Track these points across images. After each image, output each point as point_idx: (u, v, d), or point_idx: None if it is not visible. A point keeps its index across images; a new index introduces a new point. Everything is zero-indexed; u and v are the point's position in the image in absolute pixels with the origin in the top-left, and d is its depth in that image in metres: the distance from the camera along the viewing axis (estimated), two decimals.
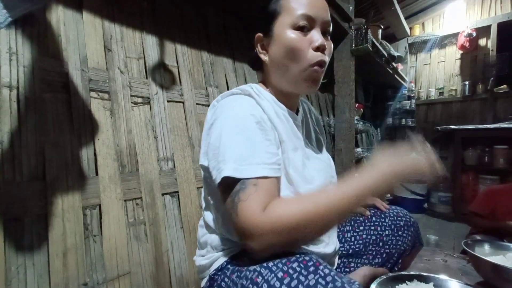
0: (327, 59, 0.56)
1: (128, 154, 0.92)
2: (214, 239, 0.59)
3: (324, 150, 0.73)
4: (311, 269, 0.40)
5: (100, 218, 0.82)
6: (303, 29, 0.54)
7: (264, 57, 0.60)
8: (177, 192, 1.05)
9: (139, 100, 1.00)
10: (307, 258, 0.42)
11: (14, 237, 0.66)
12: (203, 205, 0.64)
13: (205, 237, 0.62)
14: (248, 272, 0.44)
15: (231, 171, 0.45)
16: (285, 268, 0.41)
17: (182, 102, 1.14)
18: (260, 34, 0.60)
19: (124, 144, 0.92)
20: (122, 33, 0.99)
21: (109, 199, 0.84)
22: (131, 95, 0.97)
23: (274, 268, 0.42)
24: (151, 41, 1.08)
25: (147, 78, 1.04)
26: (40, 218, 0.70)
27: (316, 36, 0.54)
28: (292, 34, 0.54)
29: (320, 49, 0.54)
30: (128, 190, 0.90)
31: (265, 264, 0.43)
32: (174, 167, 1.06)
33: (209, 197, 0.61)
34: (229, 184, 0.46)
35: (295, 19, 0.54)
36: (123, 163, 0.91)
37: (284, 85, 0.60)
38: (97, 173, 0.83)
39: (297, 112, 0.66)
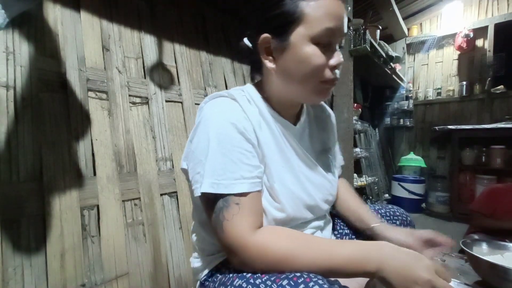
0: (339, 75, 0.53)
1: (126, 154, 0.92)
2: (205, 240, 0.59)
3: (330, 164, 0.66)
4: (301, 286, 0.39)
5: (98, 218, 0.81)
6: (323, 45, 0.49)
7: (270, 64, 0.52)
8: (176, 192, 1.04)
9: (137, 100, 0.99)
10: (297, 274, 0.41)
11: (11, 238, 0.65)
12: (194, 204, 0.63)
13: (198, 236, 0.62)
14: None
15: (209, 187, 0.45)
16: (274, 286, 0.40)
17: (181, 102, 1.14)
18: (268, 36, 0.51)
19: (122, 144, 0.91)
20: (120, 32, 0.98)
21: (107, 200, 0.84)
22: (129, 95, 0.97)
23: (262, 286, 0.41)
24: (149, 41, 1.07)
25: (145, 78, 1.04)
26: (37, 218, 0.70)
27: (335, 55, 0.51)
28: (312, 49, 0.49)
29: (336, 67, 0.51)
30: (127, 190, 0.89)
31: (251, 281, 0.43)
32: (173, 167, 1.05)
33: (194, 200, 0.61)
34: (210, 199, 0.47)
35: (318, 33, 0.48)
36: (121, 163, 0.90)
37: (290, 95, 0.55)
38: (95, 173, 0.83)
39: (296, 121, 0.61)
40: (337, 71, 0.52)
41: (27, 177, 0.70)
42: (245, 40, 0.59)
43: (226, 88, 1.37)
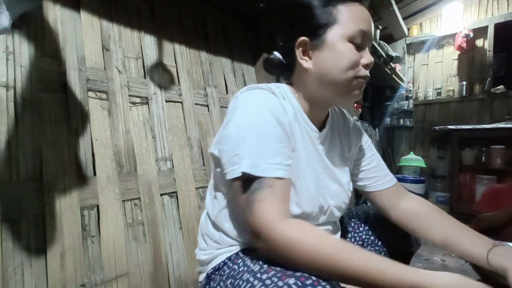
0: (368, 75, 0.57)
1: (126, 154, 0.92)
2: (215, 233, 0.59)
3: (347, 172, 0.67)
4: None
5: (98, 218, 0.81)
6: (357, 45, 0.54)
7: (306, 64, 0.56)
8: (176, 192, 1.04)
9: (137, 100, 0.99)
10: (306, 274, 0.41)
11: (11, 238, 0.65)
12: (210, 195, 0.63)
13: (207, 229, 0.62)
14: (241, 282, 0.44)
15: (248, 167, 0.45)
16: (280, 284, 0.40)
17: (181, 102, 1.14)
18: (305, 38, 0.56)
19: (122, 144, 0.91)
20: (120, 32, 0.98)
21: (107, 200, 0.84)
22: (129, 95, 0.97)
23: (268, 282, 0.41)
24: (149, 41, 1.07)
25: (145, 78, 1.04)
26: (37, 218, 0.70)
27: (367, 54, 0.55)
28: (348, 46, 0.53)
29: (368, 66, 0.55)
30: (126, 190, 0.89)
31: (258, 275, 0.43)
32: (173, 167, 1.05)
33: (216, 188, 0.61)
34: (244, 181, 0.46)
35: (352, 33, 0.53)
36: (121, 163, 0.90)
37: (323, 95, 0.57)
38: (95, 173, 0.83)
39: (320, 129, 0.62)
40: (367, 71, 0.56)
41: (27, 177, 0.70)
42: (275, 53, 0.64)
43: (226, 88, 1.37)
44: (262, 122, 0.49)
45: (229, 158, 0.49)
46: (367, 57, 0.55)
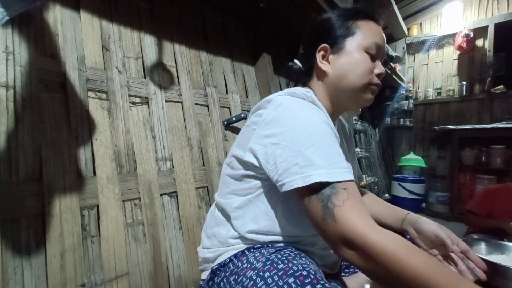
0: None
1: (126, 154, 0.92)
2: (223, 233, 0.59)
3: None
4: (308, 287, 0.40)
5: (98, 218, 0.81)
6: (371, 55, 0.60)
7: (325, 67, 0.62)
8: (176, 192, 1.04)
9: (137, 100, 0.99)
10: (304, 273, 0.42)
11: (11, 238, 0.65)
12: (222, 195, 0.63)
13: (214, 229, 0.62)
14: (244, 278, 0.46)
15: (323, 176, 0.44)
16: (280, 283, 0.41)
17: (181, 102, 1.14)
18: (325, 45, 0.62)
19: (122, 144, 0.91)
20: (120, 32, 0.98)
21: (107, 200, 0.84)
22: (129, 95, 0.97)
23: (269, 281, 0.42)
24: (149, 41, 1.07)
25: (145, 78, 1.04)
26: (37, 218, 0.70)
27: (379, 65, 0.62)
28: (364, 56, 0.59)
29: (380, 76, 0.62)
30: (126, 190, 0.89)
31: (261, 274, 0.44)
32: (173, 167, 1.05)
33: (232, 190, 0.60)
34: (314, 190, 0.45)
35: (369, 44, 0.59)
36: (121, 163, 0.90)
37: (339, 98, 0.63)
38: (95, 173, 0.83)
39: None
40: (379, 80, 0.62)
41: (27, 177, 0.70)
42: (295, 61, 0.70)
43: (226, 88, 1.37)
44: (320, 130, 0.49)
45: (287, 168, 0.47)
46: (379, 68, 0.61)
